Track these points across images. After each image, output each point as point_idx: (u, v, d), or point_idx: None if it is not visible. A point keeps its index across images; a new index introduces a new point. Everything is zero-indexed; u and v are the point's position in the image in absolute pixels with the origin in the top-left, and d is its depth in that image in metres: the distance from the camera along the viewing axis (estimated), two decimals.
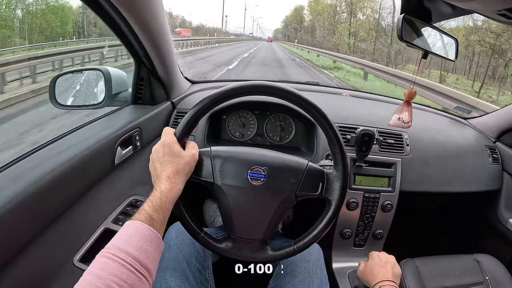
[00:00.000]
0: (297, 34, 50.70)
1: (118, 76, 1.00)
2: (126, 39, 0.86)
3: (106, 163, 0.80)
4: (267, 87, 0.63)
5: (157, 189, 0.55)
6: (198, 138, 1.06)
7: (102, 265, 0.43)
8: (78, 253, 0.69)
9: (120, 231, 0.49)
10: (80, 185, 0.72)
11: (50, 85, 0.95)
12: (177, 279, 0.71)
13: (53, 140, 0.75)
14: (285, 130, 1.17)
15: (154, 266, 0.49)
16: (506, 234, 1.20)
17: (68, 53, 6.56)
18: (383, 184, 1.08)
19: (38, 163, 0.64)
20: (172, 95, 1.15)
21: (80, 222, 0.72)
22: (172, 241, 0.79)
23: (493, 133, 1.30)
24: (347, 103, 1.33)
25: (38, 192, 0.58)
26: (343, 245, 1.13)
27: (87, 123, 0.87)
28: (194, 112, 0.63)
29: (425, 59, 0.70)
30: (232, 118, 1.17)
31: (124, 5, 0.70)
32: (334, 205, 0.65)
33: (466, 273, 0.98)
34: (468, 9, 0.55)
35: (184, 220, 0.65)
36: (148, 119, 0.98)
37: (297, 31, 51.22)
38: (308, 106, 0.64)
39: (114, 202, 0.84)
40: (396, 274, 0.80)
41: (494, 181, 1.22)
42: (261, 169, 0.63)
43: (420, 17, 0.67)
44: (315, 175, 0.65)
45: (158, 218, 0.52)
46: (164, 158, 0.59)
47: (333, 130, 0.64)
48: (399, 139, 1.12)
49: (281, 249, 0.66)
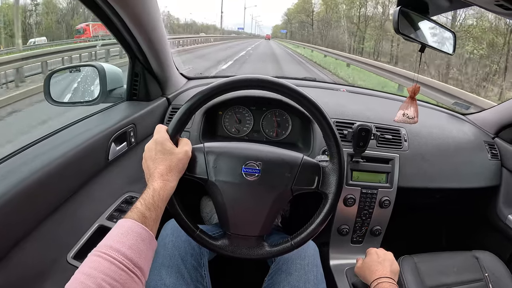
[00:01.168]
0: (305, 30, 40.08)
1: (113, 72, 0.99)
2: (120, 34, 0.85)
3: (100, 159, 0.80)
4: (260, 81, 0.62)
5: (150, 187, 0.55)
6: (194, 135, 1.05)
7: (93, 264, 0.43)
8: (72, 250, 0.68)
9: (113, 229, 0.48)
10: (74, 181, 0.71)
11: (45, 81, 0.94)
12: (172, 276, 0.71)
13: (46, 136, 0.74)
14: (282, 126, 1.17)
15: (147, 265, 0.48)
16: (505, 230, 1.19)
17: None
18: (381, 180, 1.07)
19: (30, 159, 0.63)
20: (167, 91, 1.14)
21: (74, 219, 0.71)
22: (168, 238, 0.78)
23: (492, 129, 1.30)
24: (344, 98, 1.32)
25: (30, 188, 0.58)
26: (340, 242, 1.12)
27: (80, 119, 0.86)
28: (186, 108, 0.61)
29: (422, 52, 0.69)
30: (228, 114, 1.16)
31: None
32: (331, 198, 0.64)
33: (465, 269, 0.98)
34: (466, 1, 0.54)
35: (179, 217, 0.64)
36: (142, 115, 0.97)
37: (305, 27, 40.79)
38: (301, 98, 0.62)
39: (109, 199, 0.83)
40: (394, 271, 0.79)
41: (493, 177, 1.21)
42: (255, 164, 0.63)
43: (416, 10, 0.66)
44: (310, 169, 0.65)
45: (150, 216, 0.51)
46: (156, 156, 0.58)
47: (328, 122, 0.63)
48: (397, 134, 1.11)
49: (278, 245, 0.66)
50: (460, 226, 1.48)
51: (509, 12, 0.51)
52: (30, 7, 14.51)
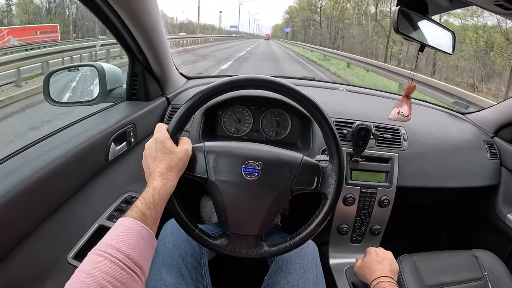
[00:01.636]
0: (310, 28, 34.60)
1: (112, 72, 0.99)
2: (119, 34, 0.85)
3: (100, 159, 0.80)
4: (260, 81, 0.62)
5: (150, 186, 0.55)
6: (193, 134, 1.05)
7: (93, 262, 0.43)
8: (72, 250, 0.68)
9: (112, 228, 0.48)
10: (74, 181, 0.71)
11: (44, 81, 0.94)
12: (172, 276, 0.71)
13: (46, 136, 0.74)
14: (281, 125, 1.17)
15: (147, 264, 0.48)
16: (504, 229, 1.20)
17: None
18: (380, 179, 1.08)
19: (31, 159, 0.63)
20: (167, 90, 1.14)
21: (74, 219, 0.71)
22: (168, 237, 0.79)
23: (491, 128, 1.30)
24: (343, 98, 1.32)
25: (30, 189, 0.58)
26: (340, 241, 1.12)
27: (80, 119, 0.86)
28: (187, 107, 0.62)
29: (421, 52, 0.69)
30: (227, 114, 1.16)
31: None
32: (330, 199, 0.64)
33: (464, 268, 0.98)
34: (465, 1, 0.54)
35: (179, 217, 0.64)
36: (142, 115, 0.97)
37: (311, 24, 35.29)
38: (301, 99, 0.63)
39: (109, 199, 0.83)
40: (394, 270, 0.79)
41: (492, 176, 1.21)
42: (255, 163, 0.63)
43: (416, 9, 0.66)
44: (310, 169, 0.65)
45: (150, 215, 0.51)
46: (156, 155, 0.58)
47: (327, 122, 0.63)
48: (396, 134, 1.11)
49: (277, 244, 0.66)
50: (459, 225, 1.49)
51: (508, 12, 0.51)
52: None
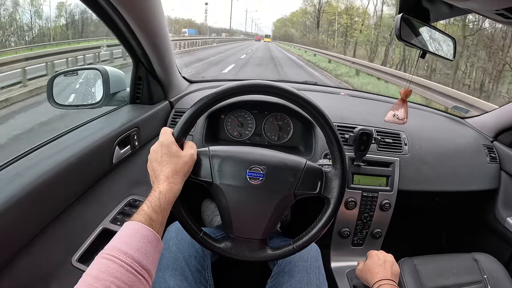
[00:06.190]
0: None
1: (116, 76, 1.00)
2: (124, 38, 0.85)
3: (105, 162, 0.80)
4: (265, 86, 0.63)
5: (156, 190, 0.55)
6: (196, 138, 1.06)
7: (101, 266, 0.43)
8: (77, 253, 0.68)
9: (119, 232, 0.48)
10: (78, 184, 0.72)
11: (48, 84, 0.94)
12: (176, 279, 0.71)
13: (51, 139, 0.75)
14: (283, 129, 1.17)
15: (153, 267, 0.48)
16: (503, 233, 1.20)
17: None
18: (381, 183, 1.08)
19: (36, 163, 0.63)
20: (170, 94, 1.15)
21: (78, 222, 0.71)
22: (172, 240, 0.79)
23: (491, 132, 1.31)
24: (345, 102, 1.33)
25: (35, 192, 0.58)
26: (341, 244, 1.13)
27: (84, 122, 0.86)
28: (192, 111, 0.62)
29: (423, 58, 0.70)
30: (230, 118, 1.17)
31: (122, 3, 0.70)
32: (333, 203, 0.65)
33: (464, 271, 0.99)
34: (466, 9, 0.55)
35: (183, 220, 0.65)
36: (146, 118, 0.98)
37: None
38: (307, 105, 0.63)
39: (113, 202, 0.83)
40: (395, 273, 0.80)
41: (491, 180, 1.22)
42: (259, 168, 0.63)
43: (418, 17, 0.67)
44: (313, 174, 0.65)
45: (157, 219, 0.51)
46: (162, 158, 0.58)
47: (332, 128, 0.64)
48: (397, 138, 1.12)
49: (281, 248, 0.66)
50: (459, 228, 1.49)
51: (509, 21, 0.52)
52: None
